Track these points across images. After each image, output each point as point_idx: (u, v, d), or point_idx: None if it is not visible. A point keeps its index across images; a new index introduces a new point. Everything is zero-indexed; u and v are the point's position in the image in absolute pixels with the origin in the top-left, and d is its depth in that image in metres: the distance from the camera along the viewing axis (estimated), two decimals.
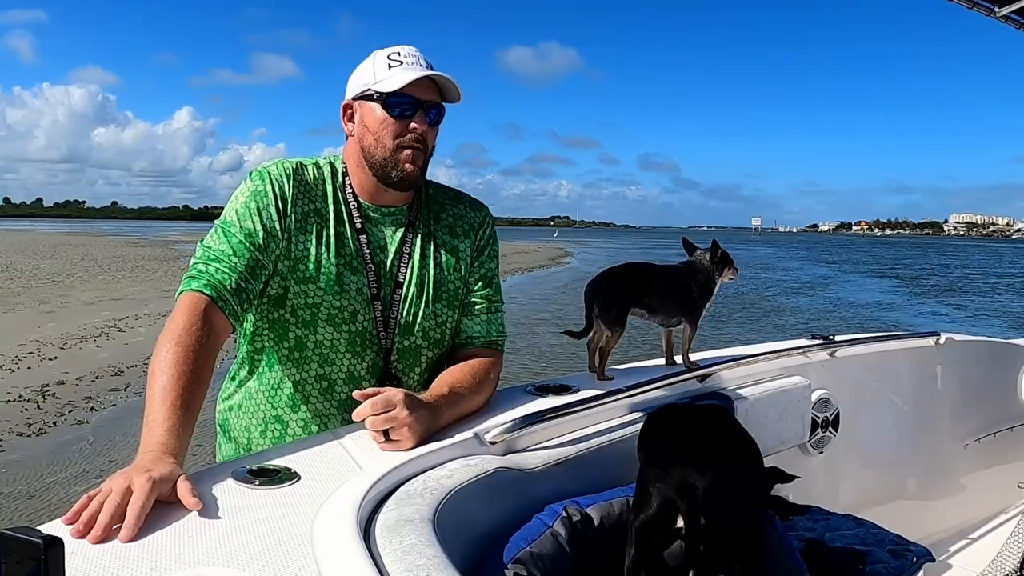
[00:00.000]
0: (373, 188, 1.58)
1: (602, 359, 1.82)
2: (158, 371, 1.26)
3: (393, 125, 1.52)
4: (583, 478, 1.48)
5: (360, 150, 1.56)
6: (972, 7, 3.01)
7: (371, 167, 1.55)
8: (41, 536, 0.70)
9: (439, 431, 1.38)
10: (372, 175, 1.56)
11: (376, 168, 1.55)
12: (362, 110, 1.55)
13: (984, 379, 2.86)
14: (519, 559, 1.22)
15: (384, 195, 1.59)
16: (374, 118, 1.53)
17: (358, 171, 1.58)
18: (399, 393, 1.32)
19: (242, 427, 1.62)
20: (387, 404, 1.30)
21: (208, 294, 1.38)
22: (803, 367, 2.20)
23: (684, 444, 1.31)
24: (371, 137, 1.53)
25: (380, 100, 1.51)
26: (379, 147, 1.53)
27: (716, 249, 1.92)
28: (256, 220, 1.47)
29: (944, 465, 2.73)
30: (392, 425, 1.29)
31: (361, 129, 1.55)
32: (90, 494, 1.01)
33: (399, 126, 1.52)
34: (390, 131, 1.52)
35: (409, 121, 1.52)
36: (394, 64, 1.51)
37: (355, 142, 1.57)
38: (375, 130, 1.53)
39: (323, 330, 1.53)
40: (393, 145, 1.52)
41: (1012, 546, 2.20)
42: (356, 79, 1.56)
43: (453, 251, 1.64)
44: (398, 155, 1.53)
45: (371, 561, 0.92)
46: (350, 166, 1.60)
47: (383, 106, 1.51)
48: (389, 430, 1.30)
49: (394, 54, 1.53)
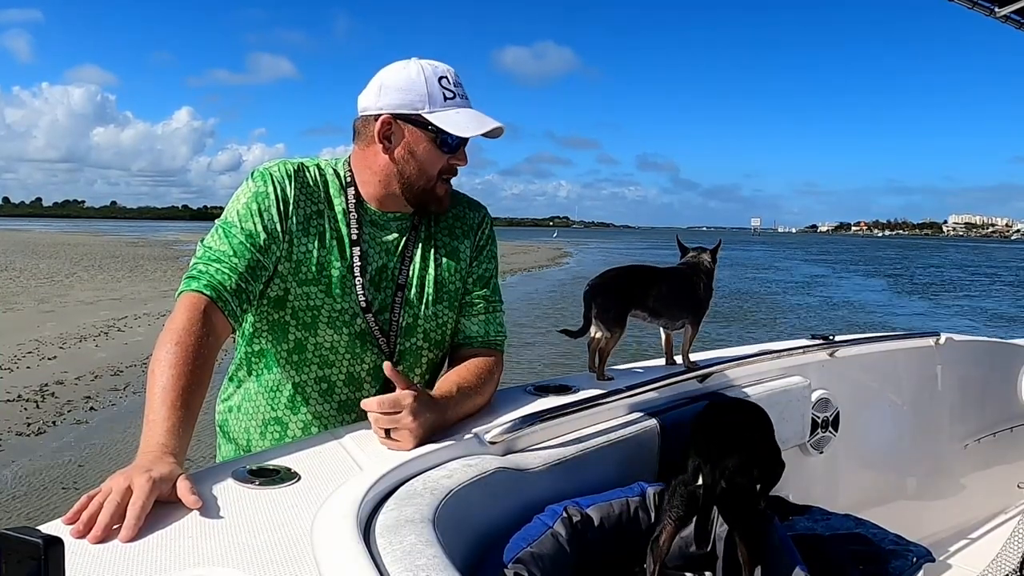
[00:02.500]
0: (390, 199, 1.57)
1: (602, 359, 1.81)
2: (158, 371, 1.25)
3: (443, 161, 1.53)
4: (583, 478, 1.48)
5: (395, 171, 1.53)
6: (972, 7, 3.02)
7: (406, 190, 1.54)
8: (41, 536, 0.69)
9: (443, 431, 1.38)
10: (402, 195, 1.55)
11: (412, 193, 1.55)
12: (409, 136, 1.51)
13: (984, 379, 2.86)
14: (519, 559, 1.22)
15: (399, 204, 1.58)
16: (424, 149, 1.51)
17: (378, 184, 1.55)
18: (408, 396, 1.31)
19: (241, 428, 1.61)
20: (394, 406, 1.30)
21: (208, 294, 1.38)
22: (803, 367, 2.20)
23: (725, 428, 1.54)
24: (415, 165, 1.52)
25: (433, 133, 1.50)
26: (422, 176, 1.53)
27: (717, 248, 1.92)
28: (257, 221, 1.47)
29: (944, 465, 2.73)
30: (395, 426, 1.30)
31: (404, 153, 1.52)
32: (90, 494, 1.01)
33: (447, 161, 1.54)
34: (438, 165, 1.53)
35: (454, 156, 1.54)
36: (448, 95, 1.49)
37: (384, 159, 1.53)
38: (422, 159, 1.52)
39: (323, 332, 1.53)
40: (436, 177, 1.54)
41: (1012, 546, 2.20)
42: (399, 94, 1.50)
43: (453, 252, 1.64)
44: (437, 187, 1.55)
45: (371, 561, 0.92)
46: (363, 175, 1.56)
47: (435, 140, 1.51)
48: (392, 430, 1.30)
49: (444, 79, 1.50)
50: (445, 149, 1.52)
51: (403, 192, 1.55)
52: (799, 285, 28.99)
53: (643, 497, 1.47)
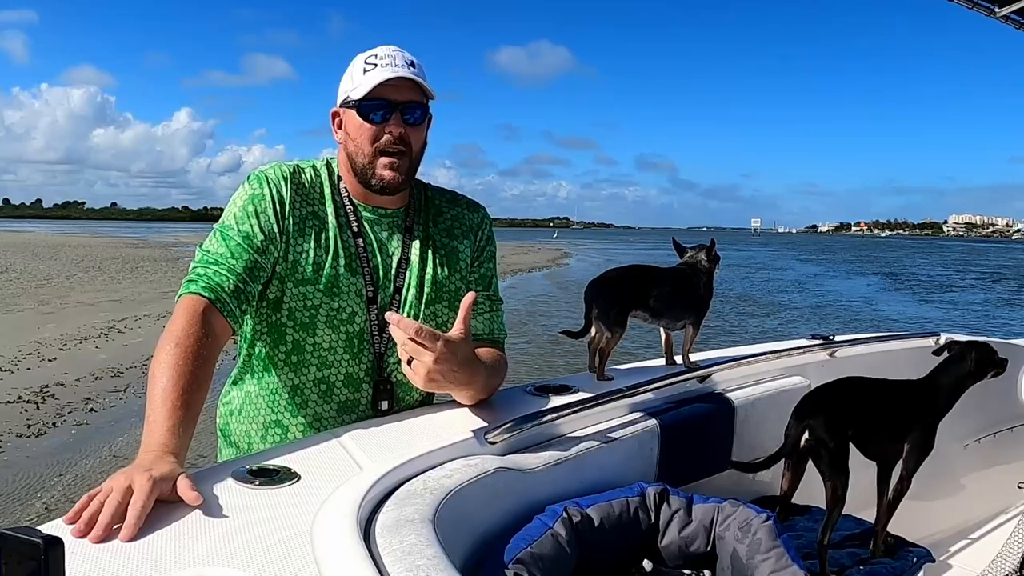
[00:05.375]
0: (364, 191, 1.59)
1: (602, 360, 1.82)
2: (158, 373, 1.26)
3: (370, 131, 1.51)
4: (583, 478, 1.48)
5: (345, 157, 1.57)
6: (972, 7, 3.02)
7: (355, 174, 1.56)
8: (41, 536, 0.69)
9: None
10: (359, 182, 1.57)
11: (359, 175, 1.55)
12: (345, 118, 1.55)
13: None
14: (519, 559, 1.22)
15: (375, 198, 1.59)
16: (354, 126, 1.53)
17: (348, 176, 1.59)
18: (446, 339, 1.29)
19: (242, 432, 1.62)
20: (430, 339, 1.27)
21: (206, 296, 1.39)
22: (803, 367, 2.20)
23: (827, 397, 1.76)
24: (352, 144, 1.54)
25: (355, 107, 1.51)
26: (359, 154, 1.53)
27: (713, 247, 1.93)
28: (254, 223, 1.48)
29: (944, 465, 2.72)
30: (417, 358, 1.29)
31: (344, 136, 1.56)
32: (91, 493, 1.01)
33: (375, 131, 1.51)
34: (367, 137, 1.52)
35: (385, 125, 1.51)
36: (369, 68, 1.50)
37: (341, 148, 1.58)
38: (355, 137, 1.53)
39: (321, 332, 1.54)
40: (372, 151, 1.52)
41: (1012, 546, 2.20)
42: (341, 86, 1.56)
43: (453, 252, 1.65)
44: (375, 162, 1.53)
45: (371, 561, 0.92)
46: (341, 171, 1.60)
47: (359, 113, 1.51)
48: (414, 358, 1.29)
49: (371, 57, 1.52)
50: (369, 118, 1.51)
51: (356, 177, 1.56)
52: (792, 284, 29.18)
53: (643, 497, 1.47)
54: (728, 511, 1.45)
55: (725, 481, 1.87)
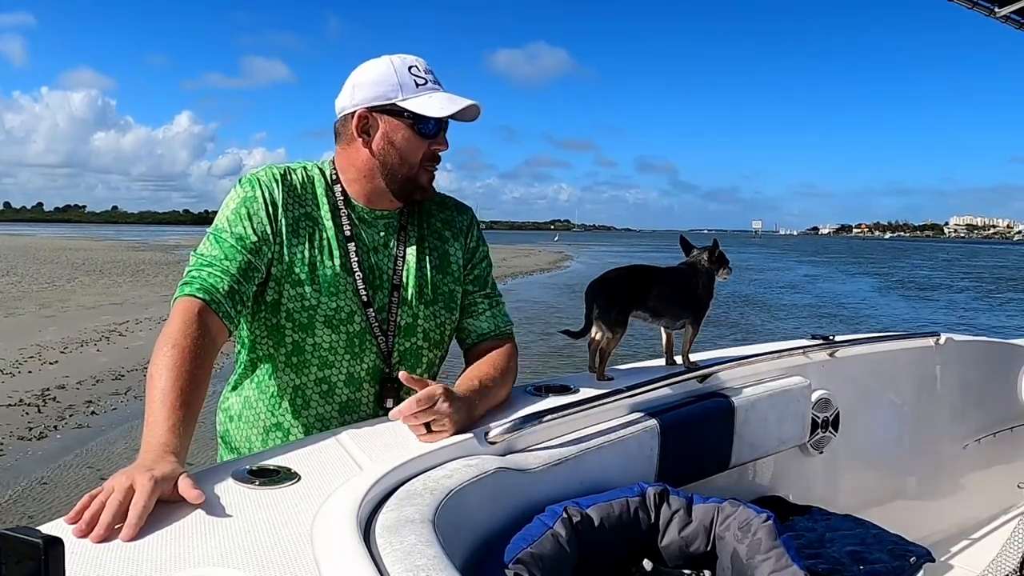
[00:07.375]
0: (376, 195, 1.59)
1: (602, 360, 1.82)
2: (156, 375, 1.27)
3: (423, 147, 1.55)
4: (583, 478, 1.48)
5: (377, 164, 1.56)
6: (972, 7, 3.02)
7: (390, 181, 1.56)
8: (41, 536, 0.69)
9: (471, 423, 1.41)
10: (387, 188, 1.57)
11: (397, 184, 1.56)
12: (386, 126, 1.54)
13: (984, 379, 2.85)
14: (519, 559, 1.22)
15: (386, 201, 1.60)
16: (403, 137, 1.54)
17: (363, 180, 1.58)
18: (439, 388, 1.34)
19: (243, 437, 1.62)
20: (430, 398, 1.32)
21: (201, 298, 1.40)
22: (803, 367, 2.20)
23: None
24: (395, 154, 1.54)
25: (410, 119, 1.52)
26: (404, 165, 1.55)
27: (715, 248, 1.93)
28: (247, 225, 1.49)
29: (944, 465, 2.72)
30: (434, 418, 1.32)
31: (383, 144, 1.54)
32: (92, 493, 1.01)
33: (427, 147, 1.55)
34: (418, 152, 1.55)
35: (434, 142, 1.55)
36: (419, 82, 1.52)
37: (365, 153, 1.56)
38: (402, 148, 1.54)
39: (321, 332, 1.54)
40: (419, 165, 1.56)
41: (1012, 546, 2.20)
42: (372, 88, 1.53)
43: (445, 255, 1.66)
44: (421, 174, 1.56)
45: (371, 561, 0.92)
46: (348, 173, 1.59)
47: (412, 127, 1.53)
48: (432, 422, 1.32)
49: (415, 68, 1.54)
50: (424, 135, 1.54)
51: (388, 184, 1.57)
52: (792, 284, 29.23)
53: (643, 497, 1.47)
54: (728, 511, 1.45)
55: (725, 481, 1.87)
